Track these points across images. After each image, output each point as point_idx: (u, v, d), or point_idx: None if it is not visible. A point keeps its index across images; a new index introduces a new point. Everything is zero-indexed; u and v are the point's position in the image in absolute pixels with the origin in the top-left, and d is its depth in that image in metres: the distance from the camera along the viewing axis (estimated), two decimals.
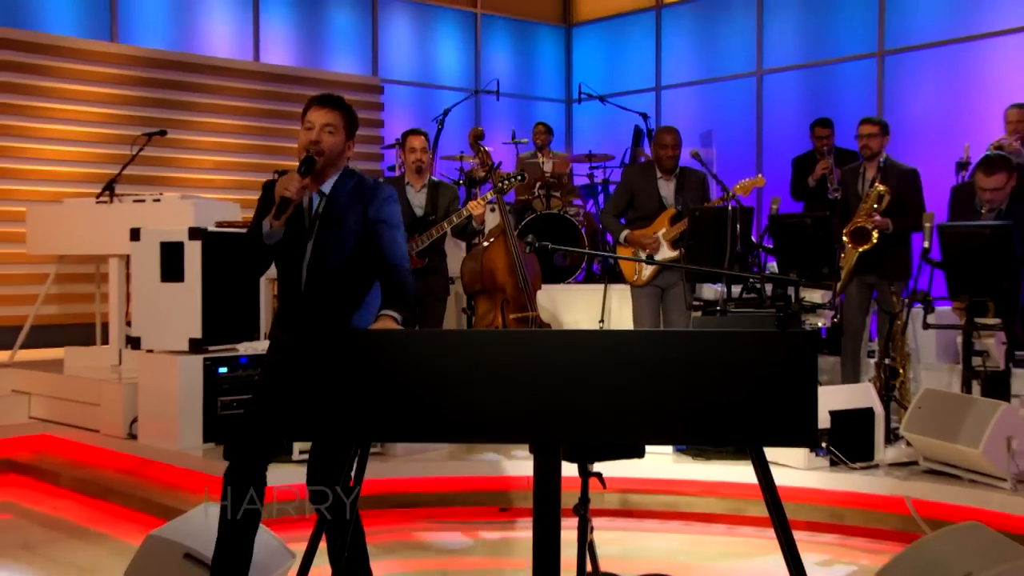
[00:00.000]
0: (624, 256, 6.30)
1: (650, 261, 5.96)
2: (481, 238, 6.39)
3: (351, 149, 3.37)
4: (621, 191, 6.47)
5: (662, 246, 6.18)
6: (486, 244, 6.34)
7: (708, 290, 7.09)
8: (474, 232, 6.23)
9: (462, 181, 8.46)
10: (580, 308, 7.53)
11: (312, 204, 3.31)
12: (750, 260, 6.06)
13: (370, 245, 3.31)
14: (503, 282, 6.23)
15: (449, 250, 6.47)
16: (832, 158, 7.53)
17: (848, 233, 5.85)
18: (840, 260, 5.84)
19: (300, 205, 3.24)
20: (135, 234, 5.81)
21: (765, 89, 10.74)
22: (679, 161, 6.27)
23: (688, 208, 6.09)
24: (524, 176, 6.55)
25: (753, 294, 5.90)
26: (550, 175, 8.44)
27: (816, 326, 6.21)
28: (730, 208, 5.76)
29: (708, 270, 5.82)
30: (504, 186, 6.09)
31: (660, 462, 5.26)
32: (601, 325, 7.28)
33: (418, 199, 6.10)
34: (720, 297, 6.07)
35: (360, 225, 3.29)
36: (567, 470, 2.53)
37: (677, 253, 6.09)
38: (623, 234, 6.28)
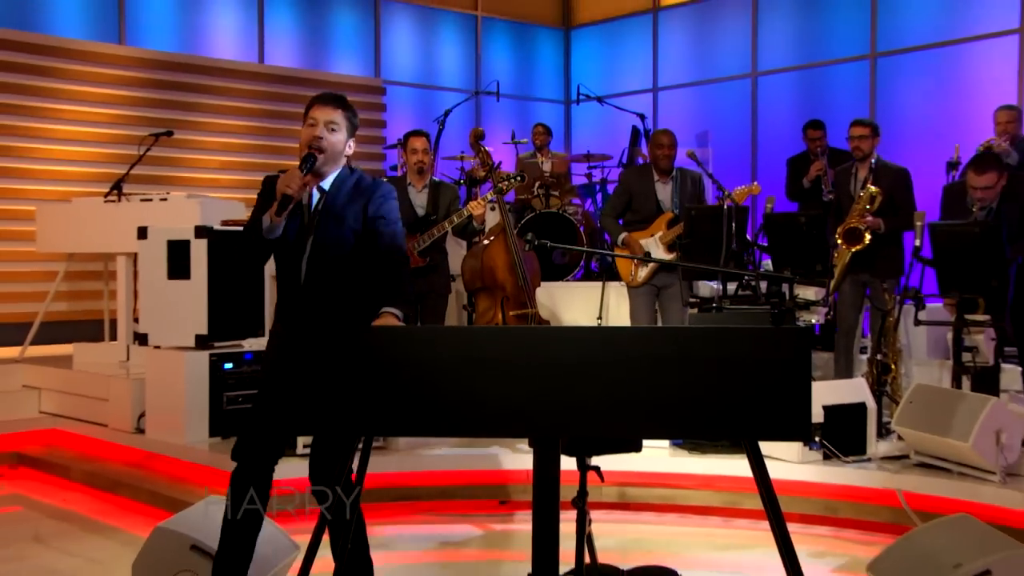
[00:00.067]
0: (622, 254, 6.30)
1: (648, 259, 5.96)
2: (481, 237, 6.38)
3: (352, 148, 3.36)
4: (619, 193, 6.46)
5: (658, 249, 6.17)
6: (486, 243, 6.34)
7: (704, 287, 7.09)
8: (475, 231, 6.22)
9: (463, 181, 8.46)
10: (578, 305, 7.53)
11: (312, 200, 3.30)
12: (745, 258, 6.06)
13: (369, 241, 3.29)
14: (503, 280, 6.22)
15: (450, 249, 6.47)
16: (826, 159, 7.52)
17: (841, 234, 5.85)
18: (834, 259, 5.85)
19: (300, 201, 3.23)
20: (142, 232, 5.81)
21: (760, 90, 10.74)
22: (675, 162, 6.27)
23: (685, 207, 6.09)
24: (524, 177, 6.55)
25: (748, 291, 5.90)
26: (549, 175, 8.44)
27: (810, 322, 6.22)
28: (726, 207, 5.76)
29: (704, 267, 5.82)
30: (504, 186, 6.09)
31: (657, 456, 5.26)
32: (599, 322, 7.28)
33: (420, 199, 6.10)
34: (716, 294, 6.08)
35: (359, 222, 3.28)
36: (566, 464, 2.53)
37: (673, 256, 6.08)
38: (620, 236, 6.28)
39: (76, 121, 8.44)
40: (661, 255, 6.14)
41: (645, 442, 3.72)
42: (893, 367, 5.67)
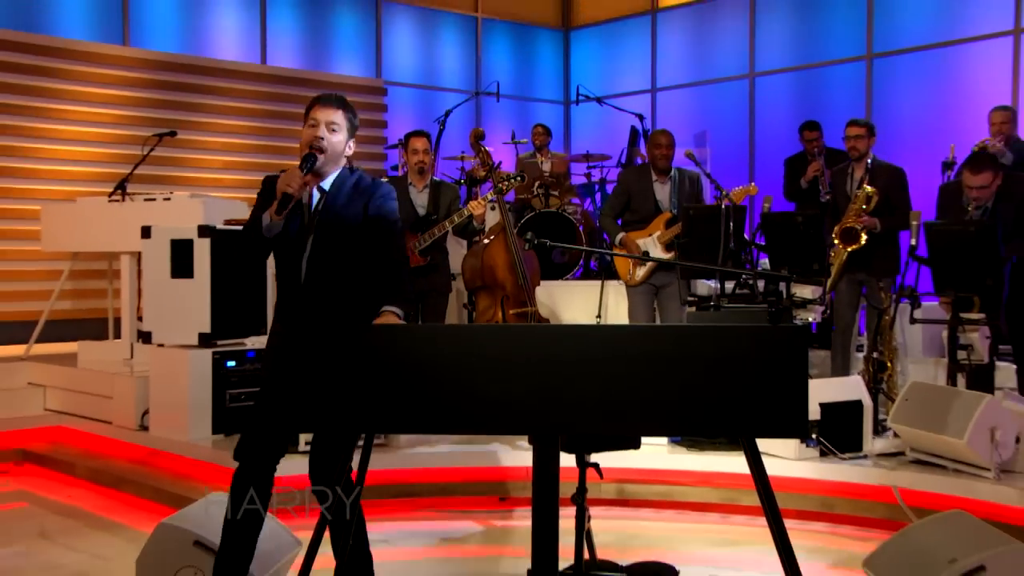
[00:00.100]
0: (621, 253, 6.30)
1: (647, 257, 5.96)
2: (482, 236, 6.38)
3: (352, 148, 3.36)
4: (618, 193, 6.46)
5: (656, 248, 6.17)
6: (487, 242, 6.34)
7: (702, 286, 7.09)
8: (475, 231, 6.22)
9: (463, 180, 8.46)
10: (578, 304, 7.53)
11: (312, 200, 3.30)
12: (743, 257, 6.06)
13: (369, 241, 3.29)
14: (503, 279, 6.22)
15: (451, 248, 6.47)
16: (823, 160, 7.51)
17: (838, 233, 5.85)
18: (830, 258, 5.85)
19: (300, 200, 3.22)
20: (146, 232, 5.81)
21: (757, 91, 10.73)
22: (673, 162, 6.27)
23: (682, 206, 6.09)
24: (523, 177, 6.55)
25: (746, 290, 5.90)
26: (549, 174, 8.44)
27: (807, 321, 6.21)
28: (723, 207, 5.76)
29: (702, 266, 5.81)
30: (504, 186, 6.09)
31: (655, 453, 5.27)
32: (598, 320, 7.28)
33: (420, 199, 6.10)
34: (714, 293, 6.08)
35: (360, 222, 3.27)
36: (565, 461, 2.53)
37: (671, 255, 6.08)
38: (618, 236, 6.28)
39: (80, 121, 8.44)
40: (659, 254, 6.14)
41: (644, 439, 3.72)
42: (889, 365, 5.67)
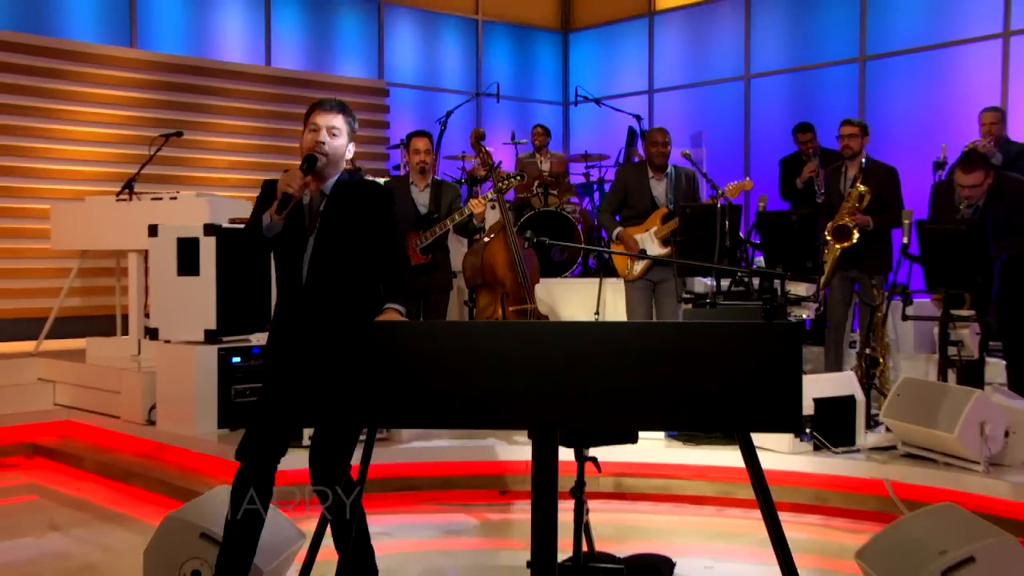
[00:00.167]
0: (619, 251, 6.29)
1: (644, 256, 5.96)
2: (482, 235, 6.38)
3: (352, 151, 3.36)
4: (616, 190, 6.46)
5: (653, 243, 6.17)
6: (487, 240, 6.33)
7: (698, 283, 7.08)
8: (475, 229, 6.22)
9: (464, 180, 8.45)
10: (576, 301, 7.52)
11: (314, 203, 3.29)
12: (738, 255, 6.06)
13: (370, 243, 3.29)
14: (503, 276, 6.22)
15: (452, 246, 6.46)
16: (818, 160, 7.50)
17: (831, 231, 5.85)
18: (824, 255, 5.85)
19: (300, 202, 3.22)
20: (153, 230, 5.81)
21: (753, 92, 10.73)
22: (669, 159, 6.27)
23: (679, 205, 6.08)
24: (523, 176, 6.54)
25: (741, 287, 5.90)
26: (548, 174, 8.43)
27: (800, 318, 6.21)
28: (719, 206, 5.76)
29: (699, 264, 5.81)
30: (504, 185, 6.08)
31: (653, 447, 5.27)
32: (596, 317, 7.28)
33: (422, 198, 6.10)
34: (710, 290, 6.07)
35: (361, 224, 3.27)
36: (564, 455, 2.53)
37: (668, 250, 6.08)
38: (616, 231, 6.28)
39: (89, 122, 8.44)
40: (656, 249, 6.14)
41: (641, 434, 3.72)
42: (881, 361, 5.67)
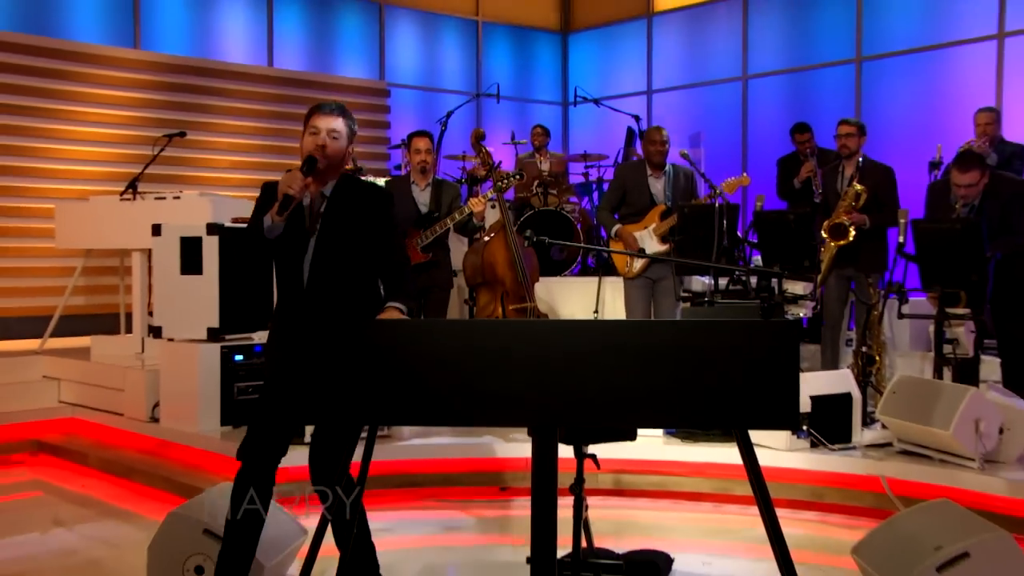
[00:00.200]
0: (617, 250, 6.29)
1: (642, 255, 5.95)
2: (482, 233, 6.38)
3: (351, 153, 3.36)
4: (614, 188, 6.46)
5: (652, 240, 6.17)
6: (487, 239, 6.33)
7: (696, 282, 7.07)
8: (475, 228, 6.22)
9: (464, 180, 8.45)
10: (576, 299, 7.52)
11: (314, 205, 3.28)
12: (736, 254, 6.05)
13: (371, 245, 3.29)
14: (503, 275, 6.22)
15: (452, 245, 6.46)
16: (815, 160, 7.50)
17: (827, 229, 5.85)
18: (820, 254, 5.85)
19: (300, 205, 3.21)
20: (156, 230, 5.81)
21: (750, 93, 10.72)
22: (667, 157, 6.26)
23: (677, 205, 6.08)
24: (523, 175, 6.54)
25: (739, 286, 5.89)
26: (547, 174, 8.43)
27: (798, 316, 6.20)
28: (717, 205, 5.76)
29: (697, 263, 5.81)
30: (503, 184, 6.08)
31: (651, 444, 5.27)
32: (596, 315, 7.27)
33: (423, 197, 6.09)
34: (708, 289, 6.06)
35: (361, 226, 3.27)
36: (563, 452, 2.53)
37: (667, 247, 6.08)
38: (614, 229, 6.28)
39: (93, 123, 8.44)
40: (655, 246, 6.13)
41: (639, 431, 3.72)
42: (877, 359, 5.67)
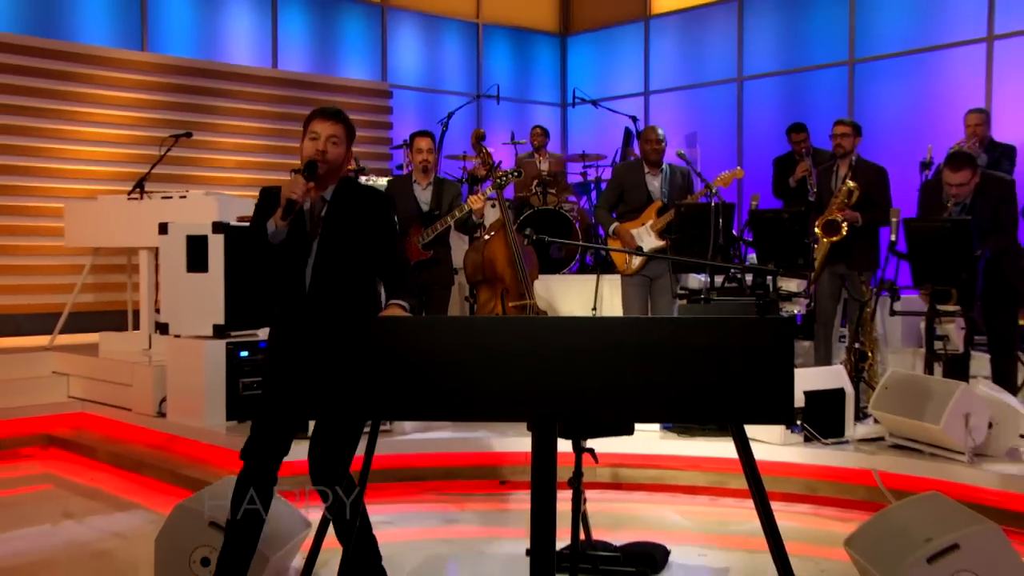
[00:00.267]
0: (616, 248, 6.29)
1: (639, 253, 5.95)
2: (482, 232, 6.37)
3: (351, 156, 3.35)
4: (612, 187, 6.46)
5: (650, 236, 6.17)
6: (487, 237, 6.33)
7: (693, 279, 7.08)
8: (475, 225, 6.21)
9: (465, 179, 8.45)
10: (574, 296, 7.52)
11: (315, 209, 3.26)
12: (731, 252, 6.05)
13: (372, 248, 3.27)
14: (503, 272, 6.22)
15: (453, 243, 6.45)
16: (811, 160, 7.49)
17: (820, 225, 5.85)
18: (813, 252, 5.85)
19: (301, 210, 3.18)
20: (163, 228, 5.80)
21: (745, 94, 10.71)
22: (664, 156, 6.26)
23: (674, 203, 6.08)
24: (521, 172, 6.54)
25: (734, 283, 5.89)
26: (546, 173, 8.43)
27: (792, 313, 6.21)
28: (713, 204, 5.76)
29: (693, 261, 5.81)
30: (502, 181, 6.08)
31: (648, 439, 5.26)
32: (594, 312, 7.28)
33: (424, 196, 6.09)
34: (704, 286, 6.06)
35: (362, 229, 3.26)
36: (562, 446, 2.53)
37: (664, 243, 6.08)
38: (612, 227, 6.28)
39: (101, 123, 8.43)
40: (653, 242, 6.13)
41: (637, 426, 3.72)
42: (870, 355, 5.67)
